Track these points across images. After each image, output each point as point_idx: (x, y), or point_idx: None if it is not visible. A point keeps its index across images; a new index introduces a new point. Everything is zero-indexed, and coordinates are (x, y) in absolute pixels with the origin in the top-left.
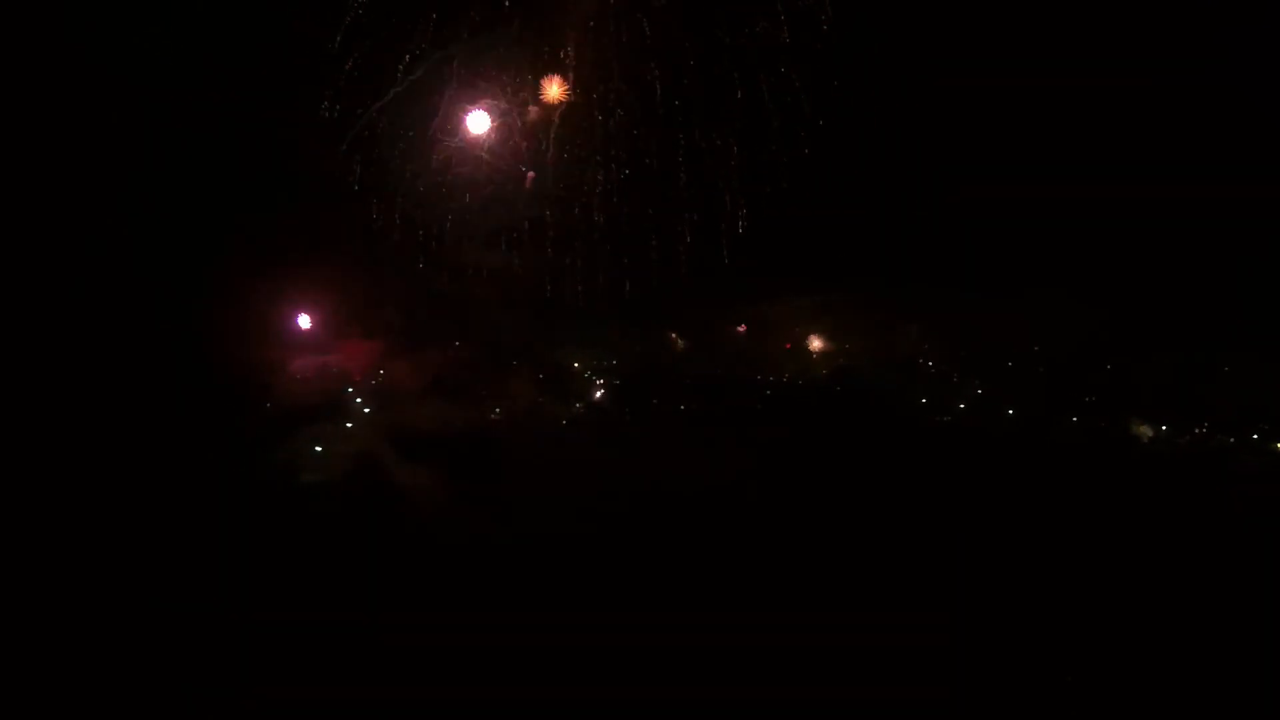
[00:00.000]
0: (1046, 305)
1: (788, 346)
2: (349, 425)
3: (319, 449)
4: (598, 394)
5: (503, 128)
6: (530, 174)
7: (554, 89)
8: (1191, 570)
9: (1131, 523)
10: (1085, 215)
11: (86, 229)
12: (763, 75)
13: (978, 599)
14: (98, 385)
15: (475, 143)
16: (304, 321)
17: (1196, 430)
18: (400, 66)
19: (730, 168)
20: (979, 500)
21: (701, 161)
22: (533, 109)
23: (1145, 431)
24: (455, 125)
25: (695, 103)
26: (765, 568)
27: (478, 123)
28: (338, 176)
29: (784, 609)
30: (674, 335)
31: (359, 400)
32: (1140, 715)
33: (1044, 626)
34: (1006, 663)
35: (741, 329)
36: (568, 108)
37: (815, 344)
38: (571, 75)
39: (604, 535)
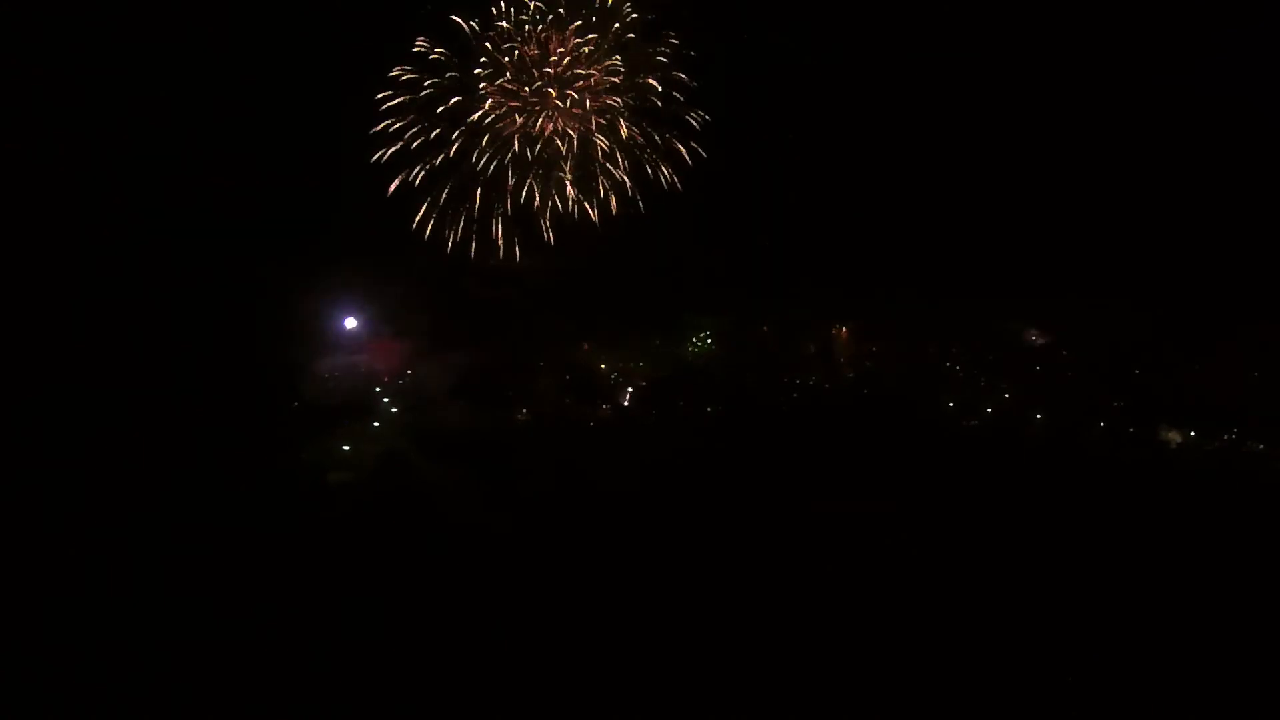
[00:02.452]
0: (1075, 311)
1: (813, 350)
2: (376, 425)
3: (346, 448)
4: (625, 396)
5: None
6: (558, 173)
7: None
8: (1217, 575)
9: (1158, 527)
10: (1115, 222)
11: (132, 231)
12: (790, 84)
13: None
14: (131, 382)
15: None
16: (336, 322)
17: (1226, 436)
18: (431, 81)
19: (758, 174)
20: (1006, 503)
21: (731, 168)
22: (561, 113)
23: (1174, 437)
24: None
25: (722, 110)
26: (789, 568)
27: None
28: (370, 180)
29: (804, 609)
30: (701, 338)
31: (386, 400)
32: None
33: (1064, 627)
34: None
35: (768, 332)
36: (596, 114)
37: (842, 347)
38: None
39: (626, 536)
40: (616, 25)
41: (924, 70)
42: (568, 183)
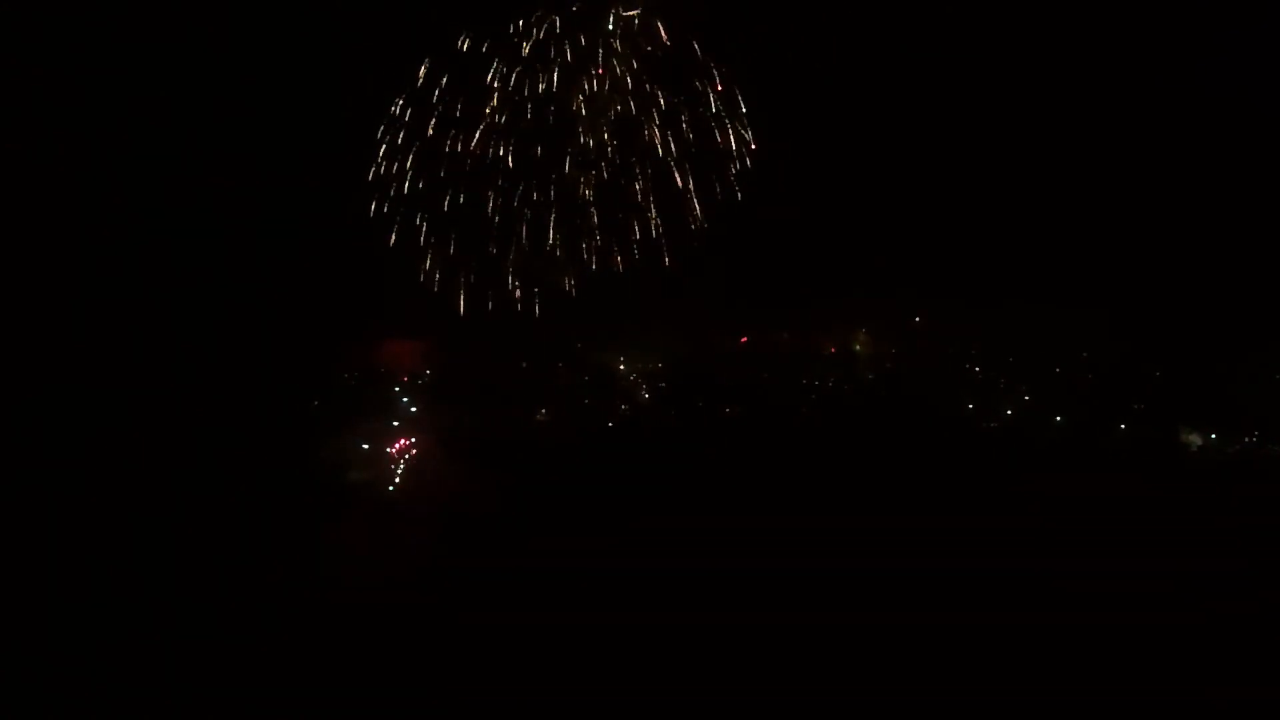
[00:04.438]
0: (1095, 312)
1: (832, 350)
2: (395, 424)
3: (365, 446)
4: (643, 396)
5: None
6: (582, 180)
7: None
8: (1240, 578)
9: (1178, 529)
10: (1135, 224)
11: (152, 235)
12: (807, 85)
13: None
14: (149, 382)
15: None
16: (355, 322)
17: (1246, 439)
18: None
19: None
20: (1023, 503)
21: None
22: (580, 118)
23: (1194, 440)
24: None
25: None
26: (807, 568)
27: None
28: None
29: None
30: (720, 339)
31: (405, 399)
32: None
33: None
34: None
35: (787, 333)
36: (610, 115)
37: (861, 349)
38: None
39: (642, 534)
40: (649, 48)
41: (936, 75)
42: (593, 233)
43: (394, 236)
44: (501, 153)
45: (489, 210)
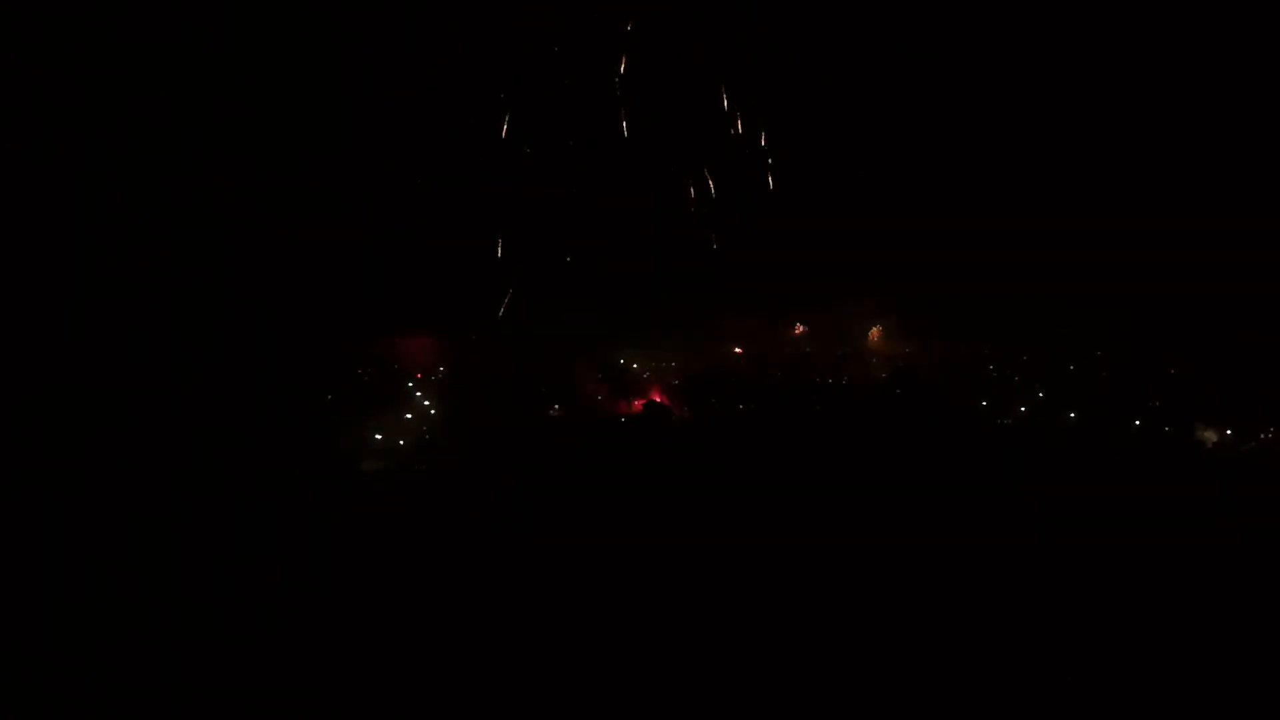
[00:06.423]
0: (1108, 310)
1: (846, 349)
2: (408, 417)
3: (379, 437)
4: (656, 393)
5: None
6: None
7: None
8: (1255, 578)
9: (1192, 529)
10: (1146, 220)
11: (164, 227)
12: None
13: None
14: (164, 377)
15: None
16: (370, 318)
17: (1263, 435)
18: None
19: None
20: (1032, 501)
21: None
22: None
23: (1210, 436)
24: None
25: (758, 107)
26: (816, 569)
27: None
28: (398, 172)
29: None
30: (733, 337)
31: (419, 394)
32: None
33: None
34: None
35: (799, 331)
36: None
37: (874, 347)
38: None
39: (653, 533)
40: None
41: (941, 75)
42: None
43: (403, 238)
44: (511, 158)
45: (499, 214)
